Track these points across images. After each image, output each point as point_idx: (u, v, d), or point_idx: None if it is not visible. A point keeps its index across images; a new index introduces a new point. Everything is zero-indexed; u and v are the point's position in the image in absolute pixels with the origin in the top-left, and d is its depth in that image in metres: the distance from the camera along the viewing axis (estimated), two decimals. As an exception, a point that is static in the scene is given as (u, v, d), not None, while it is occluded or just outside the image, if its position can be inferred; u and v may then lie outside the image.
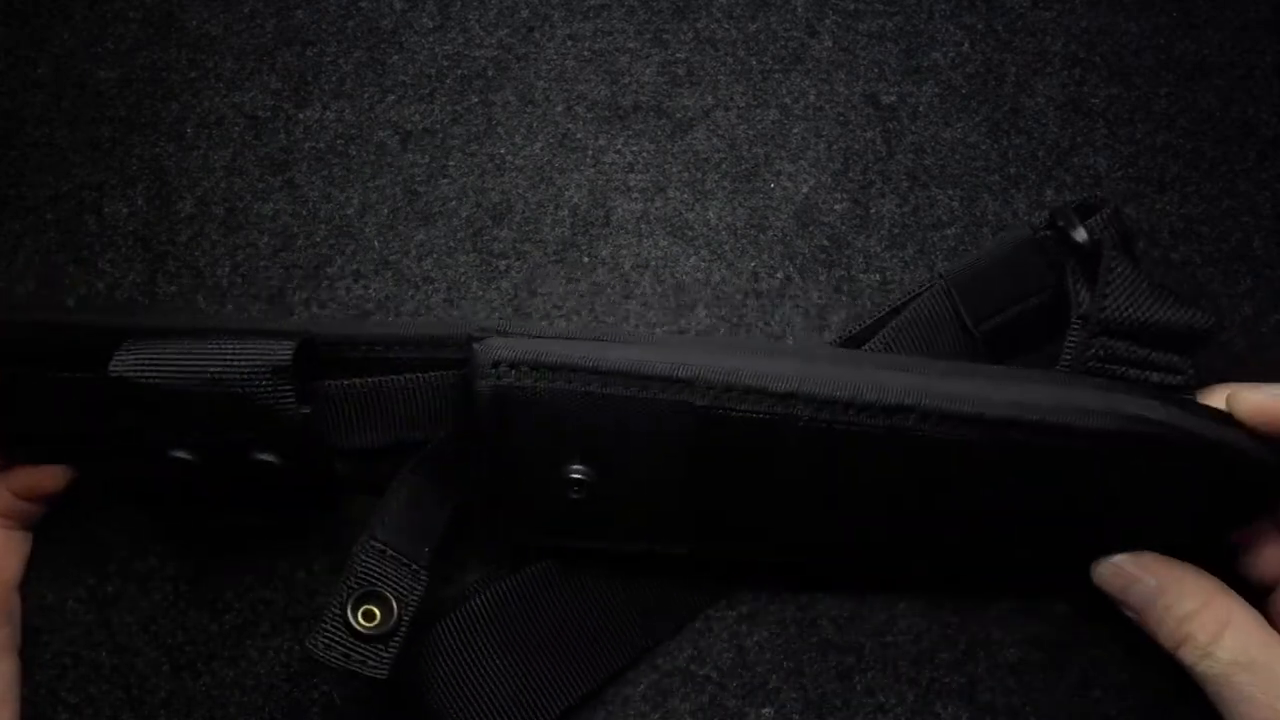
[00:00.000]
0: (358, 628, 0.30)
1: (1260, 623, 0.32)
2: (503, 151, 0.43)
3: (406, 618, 0.31)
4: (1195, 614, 0.32)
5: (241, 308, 0.41)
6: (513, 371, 0.30)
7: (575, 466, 0.32)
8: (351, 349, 0.34)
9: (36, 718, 0.36)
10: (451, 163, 0.43)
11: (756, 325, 0.41)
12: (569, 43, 0.45)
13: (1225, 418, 0.32)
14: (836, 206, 0.43)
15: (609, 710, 0.36)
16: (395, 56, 0.45)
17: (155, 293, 0.41)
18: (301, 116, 0.44)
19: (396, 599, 0.31)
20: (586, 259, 0.42)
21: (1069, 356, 0.33)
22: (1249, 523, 0.34)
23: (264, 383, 0.30)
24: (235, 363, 0.30)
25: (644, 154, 0.43)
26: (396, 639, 0.31)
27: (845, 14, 0.46)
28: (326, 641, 0.30)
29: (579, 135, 0.44)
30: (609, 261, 0.42)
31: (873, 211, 0.43)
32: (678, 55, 0.45)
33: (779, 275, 0.42)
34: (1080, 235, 0.34)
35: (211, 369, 0.30)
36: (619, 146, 0.43)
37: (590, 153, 0.43)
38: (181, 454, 0.32)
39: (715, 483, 0.33)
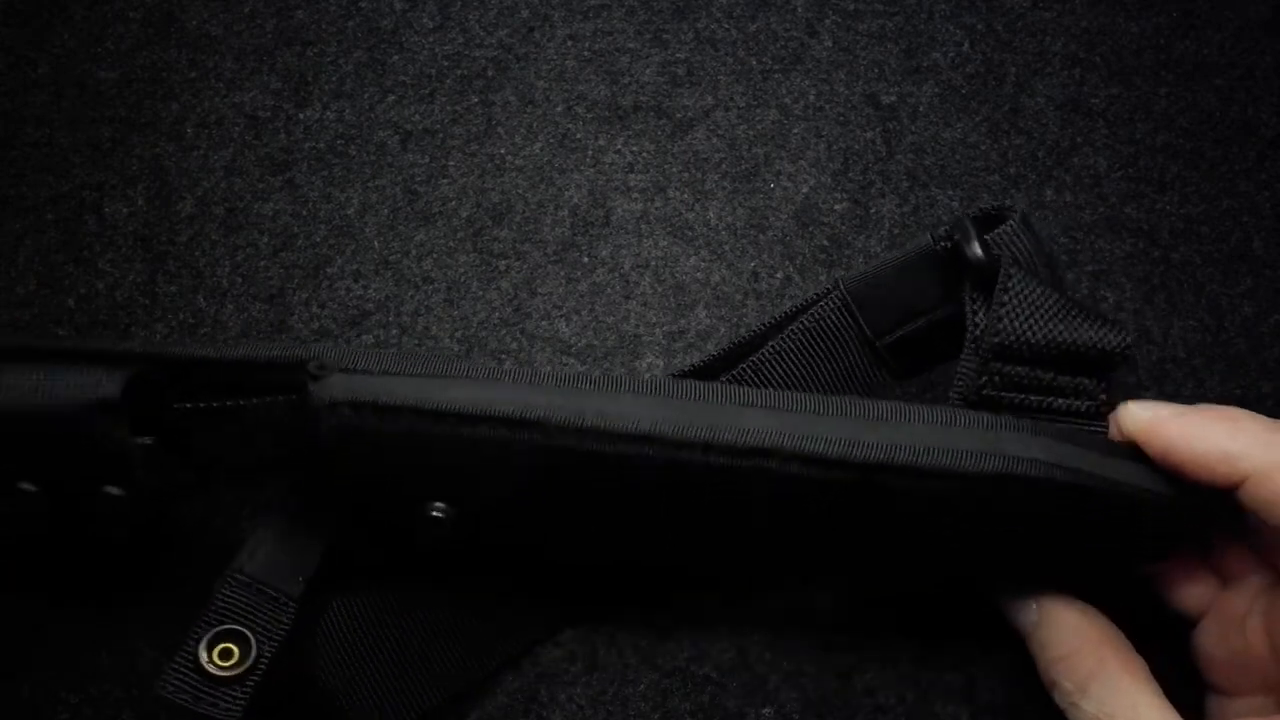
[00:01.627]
0: (210, 669, 0.29)
1: (1136, 676, 0.29)
2: (503, 151, 0.43)
3: (266, 656, 0.30)
4: (1064, 659, 0.30)
5: (242, 308, 0.41)
6: (353, 413, 0.29)
7: (432, 504, 0.31)
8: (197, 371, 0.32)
9: (37, 718, 0.36)
10: (451, 163, 0.43)
11: (756, 325, 0.41)
12: (569, 43, 0.45)
13: (1126, 452, 0.29)
14: (836, 206, 0.43)
15: (609, 710, 0.36)
16: (395, 56, 0.45)
17: (155, 293, 0.41)
18: (301, 116, 0.44)
19: (256, 636, 0.29)
20: (586, 259, 0.42)
21: (961, 384, 0.30)
22: (1164, 557, 0.32)
23: (92, 419, 0.29)
24: (61, 396, 0.28)
25: (644, 154, 0.43)
26: (253, 678, 0.29)
27: (845, 14, 0.46)
28: (175, 683, 0.29)
29: (579, 135, 0.44)
30: (609, 261, 0.42)
31: (873, 211, 0.43)
32: (678, 55, 0.45)
33: (779, 275, 0.42)
34: (974, 251, 0.30)
35: (34, 402, 0.29)
36: (619, 146, 0.43)
37: (590, 153, 0.43)
38: (27, 485, 0.31)
39: (575, 514, 0.32)
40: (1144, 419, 0.29)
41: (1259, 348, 0.41)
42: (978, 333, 0.30)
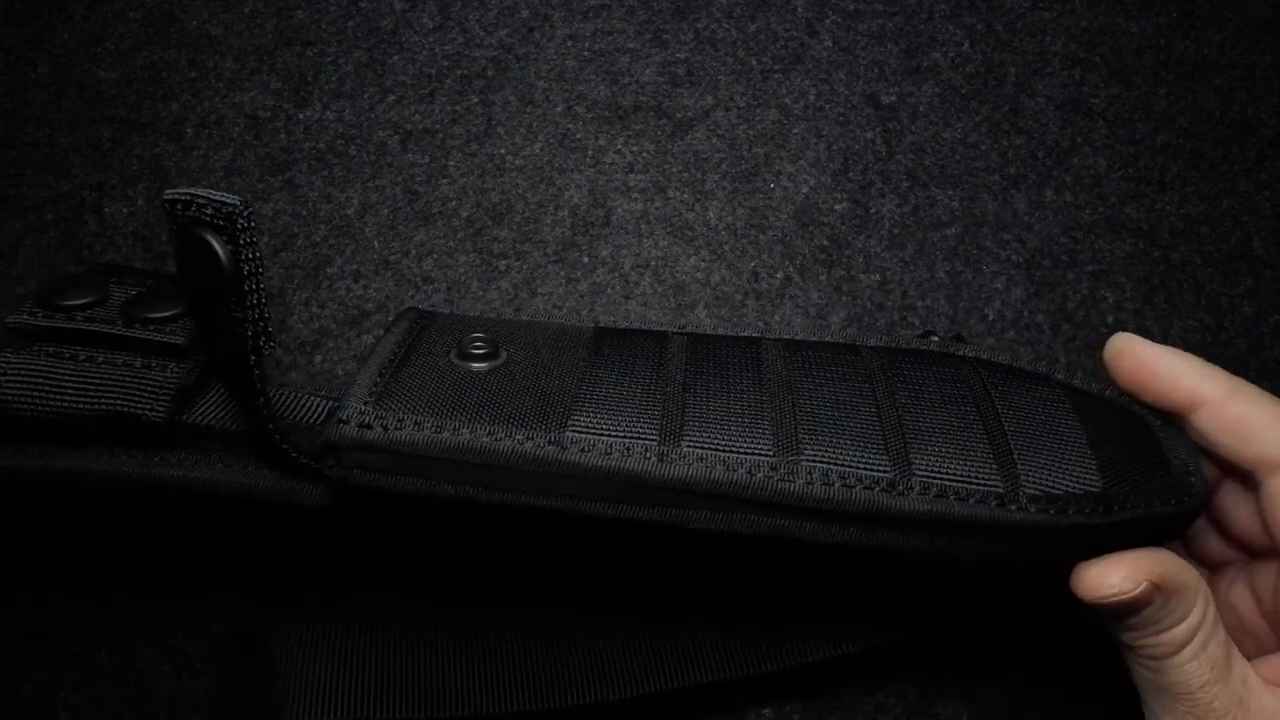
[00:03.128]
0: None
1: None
2: (503, 151, 0.43)
3: None
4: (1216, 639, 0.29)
5: (241, 308, 0.41)
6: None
7: (477, 336, 0.31)
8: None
9: (37, 718, 0.36)
10: (451, 163, 0.43)
11: (756, 325, 0.41)
12: (569, 43, 0.45)
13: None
14: (836, 206, 0.43)
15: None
16: (395, 56, 0.45)
17: (155, 293, 0.41)
18: (301, 116, 0.44)
19: None
20: (586, 259, 0.42)
21: None
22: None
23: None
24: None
25: (644, 154, 0.43)
26: None
27: (845, 14, 0.46)
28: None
29: (579, 135, 0.44)
30: (609, 261, 0.42)
31: (873, 211, 0.43)
32: (678, 55, 0.45)
33: (779, 275, 0.42)
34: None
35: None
36: (619, 146, 0.43)
37: (590, 153, 0.43)
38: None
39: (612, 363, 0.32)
40: (1127, 338, 0.31)
41: (1259, 348, 0.41)
42: None
